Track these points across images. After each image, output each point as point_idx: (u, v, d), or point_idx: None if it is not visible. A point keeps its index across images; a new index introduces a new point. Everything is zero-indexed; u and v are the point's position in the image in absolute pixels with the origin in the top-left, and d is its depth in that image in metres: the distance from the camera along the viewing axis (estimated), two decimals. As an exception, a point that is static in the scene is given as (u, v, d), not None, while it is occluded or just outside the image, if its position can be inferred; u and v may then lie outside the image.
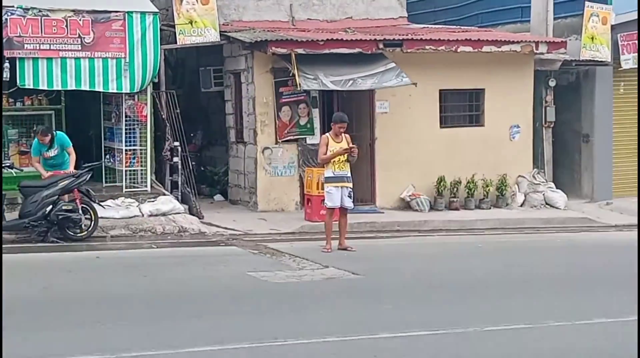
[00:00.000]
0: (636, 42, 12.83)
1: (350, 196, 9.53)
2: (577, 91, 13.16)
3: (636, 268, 8.40)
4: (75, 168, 10.17)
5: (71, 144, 10.13)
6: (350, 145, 9.46)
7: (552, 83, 12.74)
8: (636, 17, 12.85)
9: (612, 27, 12.60)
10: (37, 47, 10.23)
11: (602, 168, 13.18)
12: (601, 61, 12.64)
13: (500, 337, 5.63)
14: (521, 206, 12.71)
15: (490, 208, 12.28)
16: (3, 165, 9.85)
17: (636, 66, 12.82)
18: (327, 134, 9.74)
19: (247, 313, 6.34)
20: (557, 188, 12.90)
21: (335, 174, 9.41)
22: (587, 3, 12.28)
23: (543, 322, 5.94)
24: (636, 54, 12.75)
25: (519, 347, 5.35)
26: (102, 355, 4.61)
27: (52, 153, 9.83)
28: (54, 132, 10.12)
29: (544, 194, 12.64)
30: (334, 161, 9.37)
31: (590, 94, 12.95)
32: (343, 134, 9.47)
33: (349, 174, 9.49)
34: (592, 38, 12.47)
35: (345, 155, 9.38)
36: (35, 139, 9.87)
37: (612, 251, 10.58)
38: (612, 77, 12.94)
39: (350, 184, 9.51)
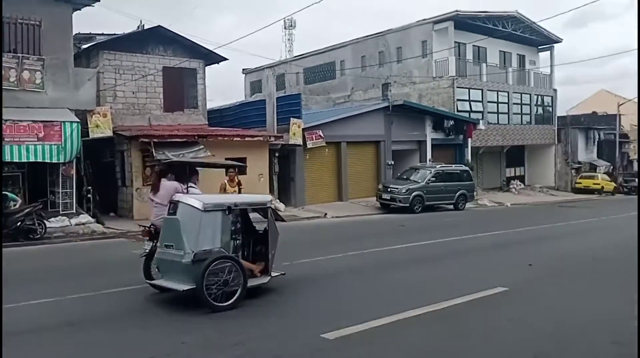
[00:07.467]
0: (315, 134, 19.54)
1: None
2: (288, 157, 19.68)
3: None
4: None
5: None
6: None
7: (277, 154, 19.02)
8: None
9: (303, 129, 19.57)
10: (12, 139, 13.77)
11: (299, 191, 19.79)
12: (298, 144, 19.49)
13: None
14: (267, 209, 18.05)
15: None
16: None
17: (306, 146, 19.24)
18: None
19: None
20: (280, 201, 18.94)
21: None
22: (291, 119, 19.11)
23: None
24: (312, 141, 19.37)
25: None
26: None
27: None
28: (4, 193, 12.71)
29: (274, 204, 17.76)
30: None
31: (294, 159, 19.70)
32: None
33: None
34: (294, 134, 18.88)
35: None
36: None
37: (314, 228, 15.33)
38: (303, 152, 19.92)
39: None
